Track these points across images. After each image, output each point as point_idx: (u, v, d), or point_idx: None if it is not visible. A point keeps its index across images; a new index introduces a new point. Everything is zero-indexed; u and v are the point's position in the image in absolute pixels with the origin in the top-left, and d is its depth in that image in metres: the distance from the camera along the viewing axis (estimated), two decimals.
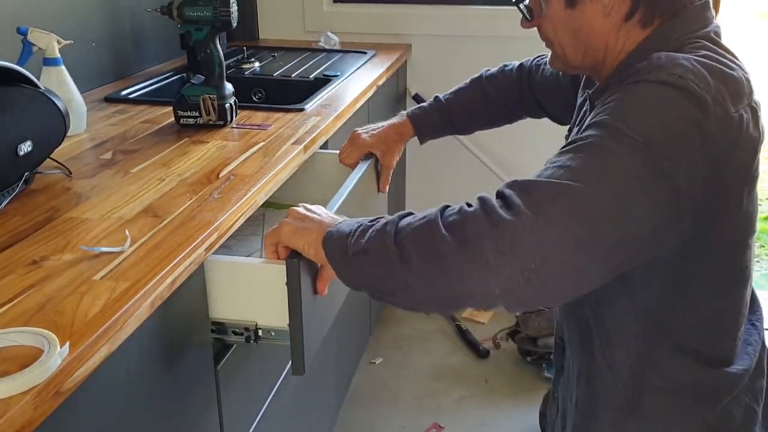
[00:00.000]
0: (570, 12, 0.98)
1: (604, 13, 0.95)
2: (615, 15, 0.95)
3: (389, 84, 2.25)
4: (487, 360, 2.42)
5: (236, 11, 1.48)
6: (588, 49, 1.00)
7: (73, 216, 1.06)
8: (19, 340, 0.74)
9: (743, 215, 0.90)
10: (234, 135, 1.46)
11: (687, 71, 0.84)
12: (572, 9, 0.97)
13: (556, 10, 1.00)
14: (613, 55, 0.98)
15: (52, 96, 1.16)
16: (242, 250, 1.31)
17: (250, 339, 1.08)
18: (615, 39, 0.97)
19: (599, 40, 0.98)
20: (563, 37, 1.02)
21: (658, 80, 0.85)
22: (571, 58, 1.03)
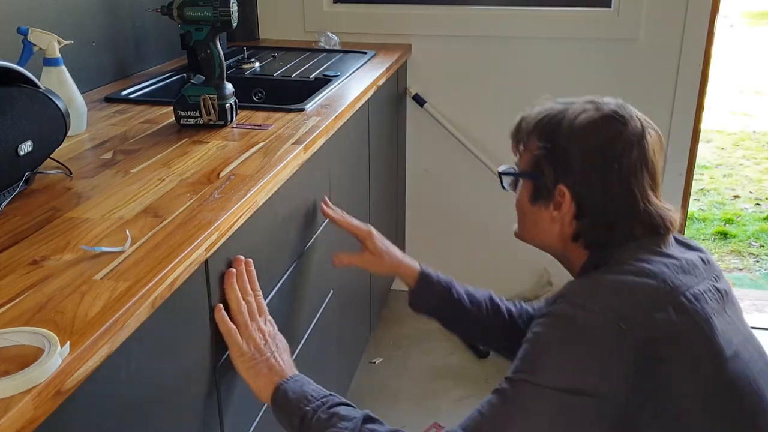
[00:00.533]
0: (530, 206, 1.14)
1: (553, 221, 1.11)
2: (563, 229, 1.11)
3: (389, 84, 2.25)
4: (487, 360, 2.42)
5: (236, 11, 1.48)
6: (541, 239, 1.16)
7: (73, 216, 1.06)
8: (19, 340, 0.74)
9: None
10: (234, 135, 1.46)
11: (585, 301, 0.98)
12: (532, 204, 1.14)
13: (522, 196, 1.16)
14: (573, 262, 1.14)
15: (52, 96, 1.16)
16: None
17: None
18: (568, 249, 1.13)
19: (550, 239, 1.14)
20: (522, 218, 1.18)
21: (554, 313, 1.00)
22: (526, 236, 1.20)
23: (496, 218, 2.66)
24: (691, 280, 1.00)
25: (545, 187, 1.11)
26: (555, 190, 1.09)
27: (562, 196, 1.08)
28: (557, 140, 1.09)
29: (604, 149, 1.06)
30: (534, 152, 1.12)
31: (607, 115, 1.07)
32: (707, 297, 0.99)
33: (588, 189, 1.07)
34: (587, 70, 2.43)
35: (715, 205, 4.19)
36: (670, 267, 1.00)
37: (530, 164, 1.13)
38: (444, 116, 2.58)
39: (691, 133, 2.43)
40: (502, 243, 2.70)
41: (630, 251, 1.04)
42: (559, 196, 1.09)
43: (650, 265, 1.00)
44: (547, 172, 1.09)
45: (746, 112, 6.09)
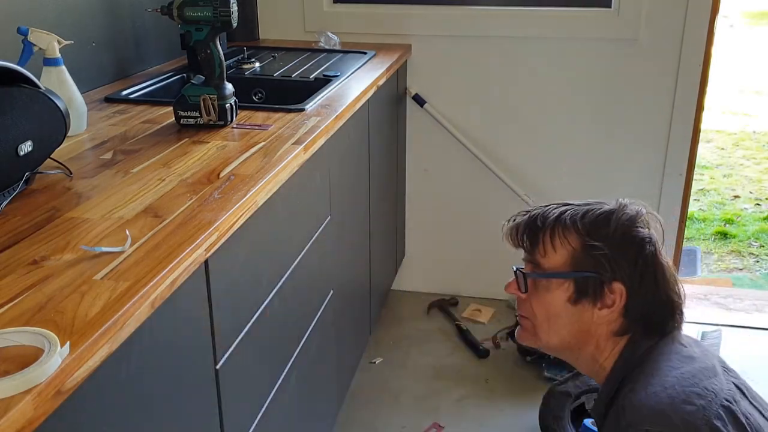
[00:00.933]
0: (569, 306, 1.11)
1: (598, 321, 1.10)
2: (606, 327, 1.10)
3: (389, 84, 2.25)
4: (487, 360, 2.42)
5: (236, 11, 1.48)
6: (572, 340, 1.13)
7: (73, 216, 1.06)
8: (20, 340, 0.74)
9: None
10: (234, 135, 1.46)
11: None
12: (573, 305, 1.11)
13: (557, 299, 1.11)
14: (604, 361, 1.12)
15: (52, 96, 1.16)
16: None
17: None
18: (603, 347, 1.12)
19: (586, 339, 1.12)
20: (554, 322, 1.13)
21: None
22: (553, 342, 1.15)
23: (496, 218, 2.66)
24: (721, 383, 1.03)
25: (597, 285, 1.09)
26: (608, 287, 1.09)
27: (617, 292, 1.09)
28: (609, 236, 1.10)
29: (651, 247, 1.10)
30: (577, 249, 1.10)
31: (637, 215, 1.13)
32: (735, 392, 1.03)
33: (641, 287, 1.09)
34: (587, 70, 2.43)
35: (715, 205, 4.19)
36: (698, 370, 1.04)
37: (574, 262, 1.11)
38: (444, 116, 2.58)
39: (691, 133, 2.43)
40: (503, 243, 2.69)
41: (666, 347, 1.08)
42: (611, 293, 1.09)
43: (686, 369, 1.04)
44: (604, 268, 1.09)
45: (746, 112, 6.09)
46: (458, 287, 2.80)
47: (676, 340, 1.10)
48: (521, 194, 2.54)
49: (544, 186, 2.57)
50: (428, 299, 2.75)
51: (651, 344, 1.10)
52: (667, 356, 1.07)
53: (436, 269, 2.81)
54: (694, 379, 1.02)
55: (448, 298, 2.75)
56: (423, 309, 2.71)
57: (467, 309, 2.71)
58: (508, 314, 2.67)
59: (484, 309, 2.71)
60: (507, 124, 2.52)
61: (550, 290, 1.12)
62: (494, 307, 2.73)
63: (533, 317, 1.15)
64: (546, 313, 1.13)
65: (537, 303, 1.14)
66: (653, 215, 1.14)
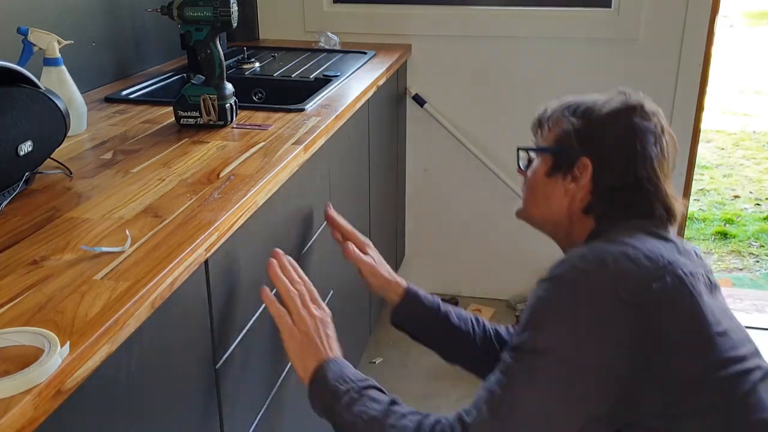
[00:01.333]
0: (545, 180, 1.18)
1: (565, 195, 1.16)
2: (575, 203, 1.15)
3: (389, 84, 2.25)
4: None
5: (236, 11, 1.48)
6: (550, 214, 1.19)
7: (73, 216, 1.06)
8: (19, 340, 0.74)
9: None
10: (234, 135, 1.46)
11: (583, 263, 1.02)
12: (548, 178, 1.18)
13: (538, 171, 1.20)
14: (573, 240, 1.16)
15: (52, 96, 1.16)
16: None
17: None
18: (574, 224, 1.16)
19: (559, 214, 1.17)
20: (534, 193, 1.22)
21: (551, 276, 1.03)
22: (532, 212, 1.24)
23: (496, 218, 2.66)
24: (687, 263, 1.03)
25: (566, 160, 1.15)
26: (577, 162, 1.14)
27: (583, 168, 1.13)
28: (589, 118, 1.15)
29: (632, 133, 1.13)
30: (562, 127, 1.17)
31: (636, 105, 1.16)
32: (700, 279, 1.02)
33: (609, 165, 1.12)
34: (587, 70, 2.43)
35: (715, 205, 4.19)
36: (667, 248, 1.05)
37: (555, 139, 1.18)
38: (444, 116, 2.58)
39: (691, 133, 2.43)
40: (502, 243, 2.70)
41: (634, 228, 1.08)
42: (578, 169, 1.14)
43: (650, 243, 1.04)
44: (573, 145, 1.14)
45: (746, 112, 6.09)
46: (458, 287, 2.81)
47: (656, 231, 1.09)
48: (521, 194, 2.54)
49: None
50: None
51: (626, 226, 1.10)
52: (635, 235, 1.06)
53: (436, 269, 2.81)
54: (655, 249, 1.03)
55: (448, 298, 2.75)
56: None
57: (467, 309, 2.71)
58: (508, 314, 2.67)
59: (484, 309, 2.71)
60: (507, 124, 2.52)
61: (536, 164, 1.21)
62: (494, 307, 2.73)
63: (525, 194, 1.25)
64: (531, 186, 1.22)
65: (529, 178, 1.23)
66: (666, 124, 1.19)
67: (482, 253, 2.74)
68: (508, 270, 2.71)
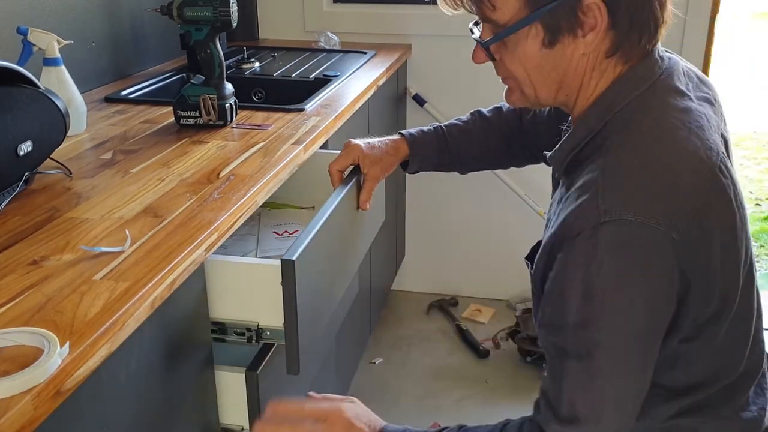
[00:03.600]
0: (547, 51, 0.92)
1: (584, 51, 0.91)
2: (594, 53, 0.91)
3: (389, 84, 2.25)
4: (487, 360, 2.42)
5: (236, 11, 1.48)
6: (562, 87, 0.95)
7: (73, 216, 1.06)
8: (19, 340, 0.74)
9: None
10: (234, 135, 1.46)
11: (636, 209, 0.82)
12: (550, 48, 0.92)
13: (530, 49, 0.92)
14: (586, 94, 0.95)
15: (52, 96, 1.16)
16: (237, 249, 1.31)
17: (251, 339, 1.08)
18: (590, 77, 0.94)
19: (575, 79, 0.94)
20: (536, 75, 0.95)
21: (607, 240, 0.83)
22: (542, 95, 0.97)
23: (496, 218, 2.66)
24: (713, 137, 0.90)
25: (568, 13, 0.88)
26: (580, 7, 0.87)
27: (594, 9, 0.87)
28: None
29: None
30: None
31: None
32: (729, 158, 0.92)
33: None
34: None
35: None
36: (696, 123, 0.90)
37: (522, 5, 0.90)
38: (444, 116, 2.58)
39: None
40: (502, 243, 2.70)
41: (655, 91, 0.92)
42: (587, 13, 0.88)
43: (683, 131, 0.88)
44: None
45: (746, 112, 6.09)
46: (458, 287, 2.80)
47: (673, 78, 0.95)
48: (521, 194, 2.54)
49: (544, 185, 2.57)
50: (428, 299, 2.75)
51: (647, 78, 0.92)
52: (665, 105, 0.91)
53: (436, 269, 2.81)
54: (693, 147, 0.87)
55: (448, 298, 2.76)
56: (423, 309, 2.71)
57: (467, 309, 2.71)
58: (508, 314, 2.67)
59: (484, 309, 2.71)
60: None
61: (519, 43, 0.92)
62: (494, 307, 2.73)
63: (513, 77, 0.98)
64: (524, 69, 0.95)
65: (511, 63, 0.96)
66: None
67: (482, 253, 2.74)
68: (508, 270, 2.71)
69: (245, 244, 1.33)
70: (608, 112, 0.92)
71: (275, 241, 1.35)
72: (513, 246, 2.66)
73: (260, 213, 1.45)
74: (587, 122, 0.93)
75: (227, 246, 1.29)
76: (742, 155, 5.08)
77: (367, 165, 1.28)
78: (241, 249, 1.31)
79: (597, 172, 0.87)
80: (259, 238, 1.35)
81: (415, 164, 1.33)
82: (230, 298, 1.08)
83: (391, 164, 1.31)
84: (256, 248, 1.32)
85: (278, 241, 1.35)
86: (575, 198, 0.87)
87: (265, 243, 1.34)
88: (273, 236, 1.37)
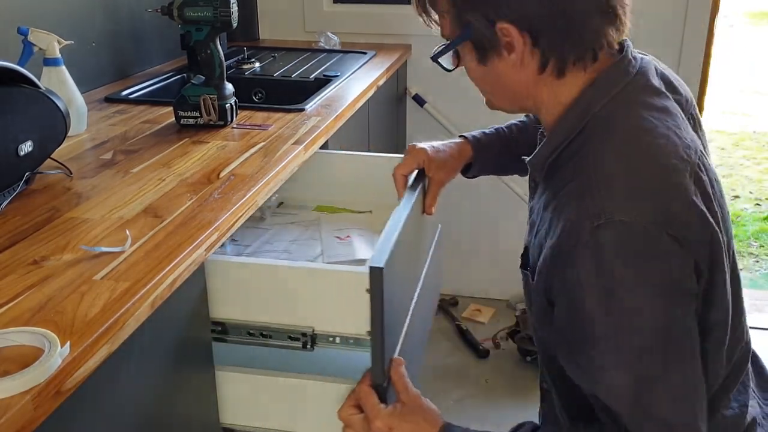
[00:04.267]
0: (483, 68, 0.98)
1: (515, 66, 0.94)
2: (528, 68, 0.94)
3: (389, 84, 2.25)
4: (487, 360, 2.42)
5: (236, 11, 1.48)
6: (514, 96, 0.99)
7: (73, 216, 1.06)
8: (19, 340, 0.74)
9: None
10: (234, 135, 1.46)
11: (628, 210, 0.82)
12: (484, 65, 0.97)
13: (470, 64, 1.00)
14: (550, 103, 0.97)
15: (52, 96, 1.16)
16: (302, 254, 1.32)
17: (306, 344, 1.08)
18: (539, 91, 0.96)
19: (522, 90, 0.97)
20: (485, 87, 1.02)
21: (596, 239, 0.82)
22: (498, 104, 1.04)
23: (496, 218, 2.66)
24: (690, 134, 0.92)
25: (484, 38, 0.93)
26: (495, 33, 0.92)
27: (508, 34, 0.91)
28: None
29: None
30: (449, 10, 0.96)
31: None
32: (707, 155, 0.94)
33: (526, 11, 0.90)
34: None
35: None
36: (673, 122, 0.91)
37: (454, 26, 0.97)
38: (444, 116, 2.58)
39: None
40: (503, 243, 2.70)
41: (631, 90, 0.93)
42: (504, 36, 0.92)
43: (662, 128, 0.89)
44: (475, 21, 0.93)
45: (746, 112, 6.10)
46: (458, 287, 2.80)
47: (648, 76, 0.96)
48: (521, 194, 2.54)
49: None
50: None
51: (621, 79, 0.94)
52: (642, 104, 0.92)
53: None
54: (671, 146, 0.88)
55: (448, 298, 2.76)
56: None
57: (467, 309, 2.71)
58: (508, 314, 2.67)
59: (484, 309, 2.71)
60: None
61: (464, 58, 1.00)
62: (494, 307, 2.73)
63: (479, 87, 1.04)
64: (477, 83, 1.02)
65: (468, 73, 1.02)
66: None
67: (482, 253, 2.73)
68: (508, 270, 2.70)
69: (309, 249, 1.33)
70: (585, 115, 0.93)
71: (339, 246, 1.35)
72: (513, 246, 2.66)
73: (319, 217, 1.47)
74: (564, 126, 0.95)
75: (292, 251, 1.31)
76: (742, 155, 5.08)
77: (433, 169, 1.27)
78: (306, 254, 1.31)
79: (583, 175, 0.88)
80: (323, 243, 1.36)
81: (477, 167, 1.33)
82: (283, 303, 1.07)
83: (455, 168, 1.31)
84: (321, 253, 1.32)
85: (342, 246, 1.35)
86: (565, 204, 0.88)
87: (330, 248, 1.34)
88: (336, 241, 1.37)
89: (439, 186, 1.31)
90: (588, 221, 0.83)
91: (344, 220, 1.47)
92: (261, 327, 1.09)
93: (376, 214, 1.48)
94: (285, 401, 1.13)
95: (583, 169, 0.88)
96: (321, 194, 1.55)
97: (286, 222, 1.45)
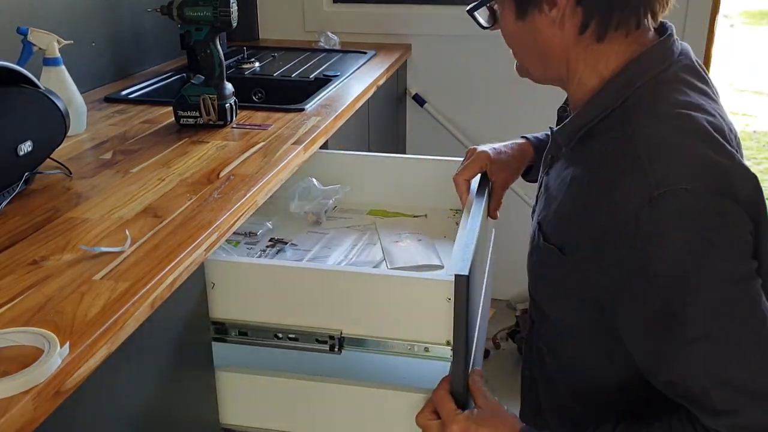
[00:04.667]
0: (520, 24, 0.95)
1: (554, 24, 0.92)
2: (567, 28, 0.91)
3: (389, 84, 2.25)
4: (487, 360, 2.42)
5: (236, 11, 1.48)
6: (548, 61, 0.97)
7: (73, 216, 1.06)
8: (19, 340, 0.74)
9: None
10: (234, 135, 1.46)
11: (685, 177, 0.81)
12: (522, 21, 0.94)
13: (507, 21, 0.97)
14: (582, 76, 0.95)
15: (52, 96, 1.16)
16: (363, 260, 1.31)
17: (334, 347, 1.07)
18: (576, 55, 0.94)
19: (557, 53, 0.94)
20: (519, 46, 1.00)
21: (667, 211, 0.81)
22: (531, 69, 1.01)
23: None
24: (728, 120, 0.93)
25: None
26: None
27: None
28: None
29: None
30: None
31: None
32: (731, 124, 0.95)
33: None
34: None
35: None
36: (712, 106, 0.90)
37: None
38: (444, 116, 2.58)
39: None
40: (502, 243, 2.69)
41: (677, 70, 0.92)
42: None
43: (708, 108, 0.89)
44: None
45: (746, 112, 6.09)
46: None
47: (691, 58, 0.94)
48: (521, 194, 2.54)
49: None
50: None
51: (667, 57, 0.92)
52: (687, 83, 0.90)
53: None
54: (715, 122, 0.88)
55: None
56: None
57: None
58: (508, 314, 2.67)
59: None
60: (507, 124, 2.52)
61: (502, 15, 0.98)
62: (494, 307, 2.73)
63: (512, 51, 1.02)
64: (510, 40, 1.00)
65: (502, 34, 1.00)
66: None
67: None
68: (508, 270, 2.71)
69: (369, 254, 1.33)
70: (627, 90, 0.90)
71: (401, 252, 1.34)
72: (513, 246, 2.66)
73: (375, 222, 1.46)
74: (603, 98, 0.92)
75: (352, 258, 1.31)
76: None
77: (495, 172, 1.25)
78: (365, 259, 1.31)
79: (630, 147, 0.85)
80: (384, 249, 1.35)
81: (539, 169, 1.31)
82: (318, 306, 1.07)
83: (517, 170, 1.28)
84: (384, 259, 1.31)
85: (402, 252, 1.34)
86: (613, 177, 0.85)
87: (392, 254, 1.33)
88: (397, 247, 1.36)
89: (502, 189, 1.28)
90: (648, 191, 0.81)
91: (401, 225, 1.45)
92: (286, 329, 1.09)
93: (431, 218, 1.48)
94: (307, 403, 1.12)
95: (630, 140, 0.86)
96: (373, 197, 1.54)
97: (342, 226, 1.44)
